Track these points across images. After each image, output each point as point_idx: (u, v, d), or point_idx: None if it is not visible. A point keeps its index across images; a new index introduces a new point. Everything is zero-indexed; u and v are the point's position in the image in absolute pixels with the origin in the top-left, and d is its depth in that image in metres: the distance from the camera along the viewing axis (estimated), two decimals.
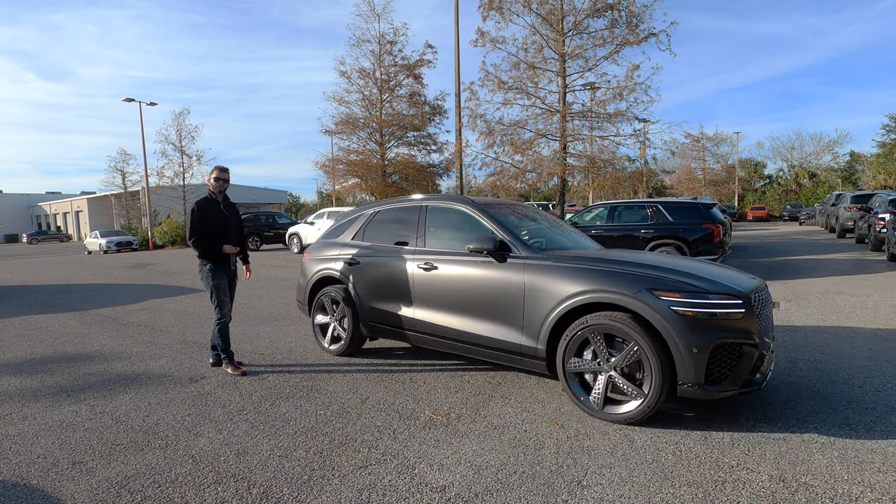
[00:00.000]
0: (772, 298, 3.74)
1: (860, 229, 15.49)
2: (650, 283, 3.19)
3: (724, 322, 3.08)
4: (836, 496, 2.43)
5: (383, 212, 4.98)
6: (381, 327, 4.63)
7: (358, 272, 4.77)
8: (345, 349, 4.91)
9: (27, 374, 4.65)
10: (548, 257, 3.70)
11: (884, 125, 43.12)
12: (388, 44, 22.81)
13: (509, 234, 3.92)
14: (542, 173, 15.53)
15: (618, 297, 3.23)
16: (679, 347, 3.03)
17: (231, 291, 4.64)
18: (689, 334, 3.02)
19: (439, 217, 4.49)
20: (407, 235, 4.58)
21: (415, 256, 4.37)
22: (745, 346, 3.12)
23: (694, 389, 3.05)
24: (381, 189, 23.16)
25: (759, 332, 3.21)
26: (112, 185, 40.90)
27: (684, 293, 3.10)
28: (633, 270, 3.33)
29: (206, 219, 4.39)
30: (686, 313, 3.05)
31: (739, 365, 3.13)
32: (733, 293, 3.14)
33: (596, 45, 14.43)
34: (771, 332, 3.54)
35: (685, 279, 3.21)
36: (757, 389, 3.21)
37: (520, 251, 3.79)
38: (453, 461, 2.84)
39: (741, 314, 3.10)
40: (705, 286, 3.16)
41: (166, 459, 2.92)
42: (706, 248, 9.46)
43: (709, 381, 3.07)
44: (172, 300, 8.78)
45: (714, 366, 3.08)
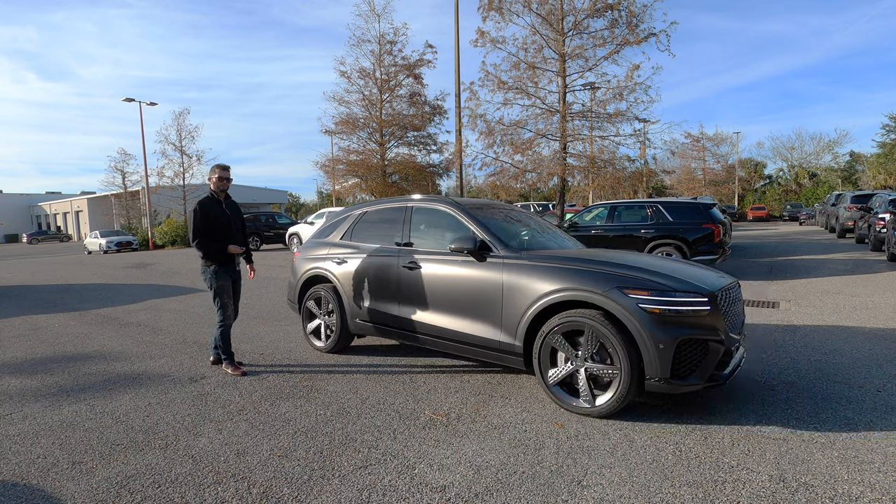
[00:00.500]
0: (742, 296, 3.88)
1: (860, 229, 15.49)
2: (620, 282, 3.31)
3: (690, 319, 3.20)
4: (836, 496, 2.43)
5: (371, 212, 5.12)
6: (368, 325, 4.74)
7: (345, 271, 4.89)
8: (333, 346, 5.03)
9: (27, 374, 4.65)
10: (525, 257, 3.80)
11: (884, 125, 43.20)
12: (388, 44, 22.83)
13: (490, 234, 4.03)
14: (542, 173, 15.52)
15: (589, 295, 3.35)
16: (646, 343, 3.14)
17: (236, 292, 4.63)
18: (655, 330, 3.13)
19: (424, 217, 4.63)
20: (393, 235, 4.70)
21: (400, 256, 4.49)
22: (711, 342, 3.22)
23: (660, 384, 3.17)
24: (381, 189, 23.16)
25: (725, 328, 3.32)
26: (112, 185, 40.92)
27: (652, 291, 3.22)
28: (604, 269, 3.46)
29: (209, 219, 4.33)
30: (653, 310, 3.16)
31: (705, 360, 3.22)
32: (699, 291, 3.25)
33: (596, 45, 14.42)
34: (740, 328, 3.67)
35: (653, 277, 3.33)
36: (723, 383, 3.31)
37: (499, 251, 3.90)
38: (453, 461, 2.84)
39: (707, 311, 3.21)
40: (672, 284, 3.28)
41: (166, 459, 2.92)
42: (706, 248, 9.46)
43: (675, 376, 3.18)
44: (172, 300, 8.78)
45: (680, 361, 3.18)
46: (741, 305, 3.76)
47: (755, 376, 4.12)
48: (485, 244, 3.95)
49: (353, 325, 4.86)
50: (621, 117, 14.59)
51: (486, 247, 3.94)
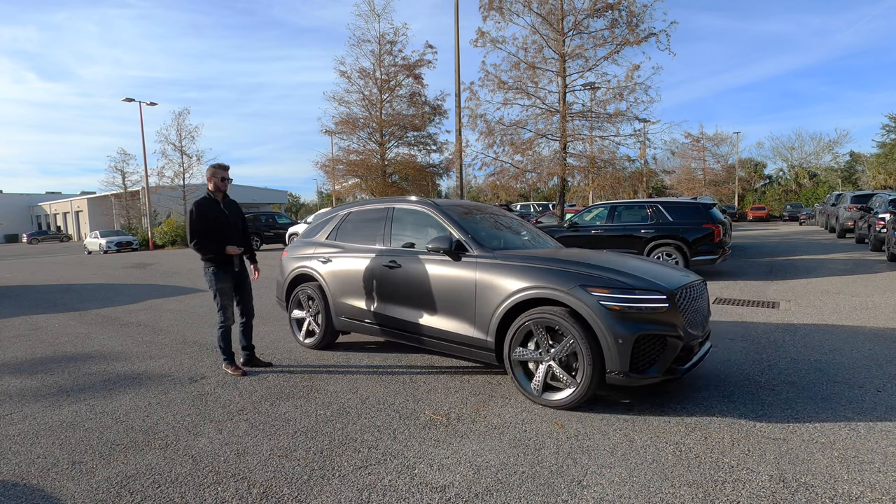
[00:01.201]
0: (706, 294, 4.07)
1: (860, 229, 15.49)
2: (583, 280, 3.46)
3: (649, 315, 3.34)
4: (836, 496, 2.43)
5: (355, 213, 5.28)
6: (353, 322, 4.88)
7: (330, 270, 5.03)
8: (319, 342, 5.18)
9: (27, 374, 4.65)
10: (498, 256, 3.94)
11: (884, 125, 43.22)
12: (388, 44, 22.84)
13: (465, 234, 4.17)
14: (542, 173, 15.52)
15: (555, 293, 3.50)
16: (606, 338, 3.30)
17: (245, 290, 4.60)
18: (615, 326, 3.28)
19: (404, 218, 4.77)
20: (375, 235, 4.85)
21: (381, 255, 4.64)
22: (670, 337, 3.38)
23: (620, 377, 3.32)
24: (381, 189, 23.16)
25: (684, 324, 3.46)
26: (112, 185, 40.93)
27: (612, 289, 3.37)
28: (569, 269, 3.60)
29: (207, 220, 4.28)
30: (613, 307, 3.31)
31: (664, 354, 3.39)
32: (658, 289, 3.40)
33: (596, 45, 14.43)
34: (702, 324, 3.82)
35: (615, 276, 3.48)
36: (680, 377, 3.51)
37: (473, 251, 4.05)
38: (453, 461, 2.84)
39: (665, 308, 3.36)
40: (632, 282, 3.42)
41: (166, 459, 2.92)
42: (706, 248, 9.47)
43: (633, 369, 3.32)
44: (172, 300, 8.78)
45: (638, 355, 3.33)
46: (704, 303, 3.94)
47: (755, 376, 4.12)
48: (460, 244, 4.10)
49: (338, 322, 5.00)
50: (621, 117, 14.59)
51: (462, 247, 4.09)
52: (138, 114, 28.80)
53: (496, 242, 4.50)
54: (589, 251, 4.88)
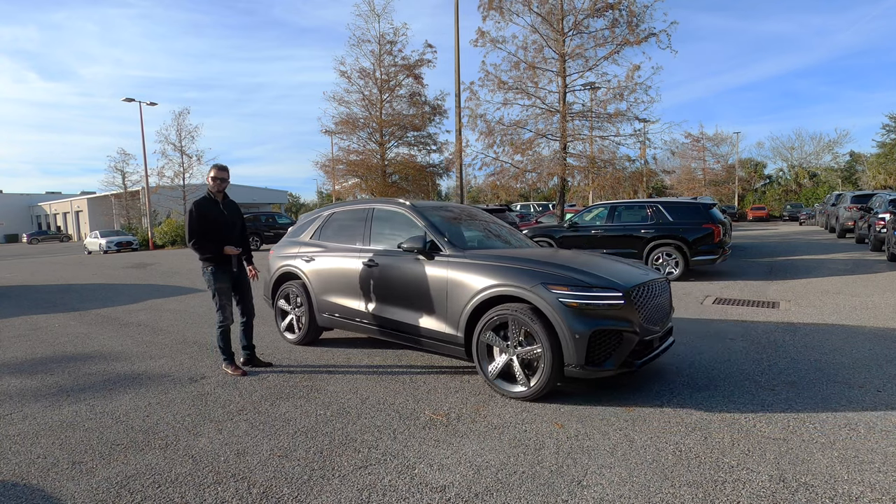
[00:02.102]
0: (669, 291, 4.27)
1: (860, 229, 15.48)
2: (544, 278, 3.62)
3: (605, 311, 3.51)
4: (836, 496, 2.43)
5: (337, 213, 5.45)
6: (335, 319, 5.04)
7: (313, 269, 5.20)
8: (303, 339, 5.34)
9: (27, 374, 4.65)
10: (469, 255, 4.10)
11: (884, 125, 43.20)
12: (388, 44, 22.85)
13: (438, 234, 4.34)
14: (542, 173, 15.52)
15: (518, 291, 3.66)
16: (564, 333, 3.45)
17: (244, 290, 4.62)
18: (573, 322, 3.44)
19: (383, 219, 4.93)
20: (356, 235, 5.02)
21: (361, 254, 4.81)
22: (626, 332, 3.54)
23: (577, 370, 3.48)
24: (381, 189, 23.16)
25: (641, 320, 3.63)
26: (112, 185, 40.94)
27: (571, 286, 3.54)
28: (533, 267, 3.77)
29: (205, 220, 4.29)
30: (571, 304, 3.48)
31: (619, 348, 3.55)
32: (614, 287, 3.57)
33: (596, 44, 14.44)
34: (662, 319, 3.99)
35: (574, 274, 3.66)
36: (636, 370, 3.66)
37: (446, 250, 4.21)
38: (453, 461, 2.84)
39: (620, 305, 3.52)
40: (590, 281, 3.60)
41: (166, 459, 2.92)
42: (706, 248, 9.47)
43: (589, 363, 3.49)
44: (172, 300, 8.78)
45: (594, 349, 3.50)
46: (665, 300, 4.11)
47: (755, 376, 4.12)
48: (434, 244, 4.27)
49: (321, 318, 5.15)
50: (621, 117, 14.60)
51: (436, 246, 4.26)
52: (138, 114, 28.85)
53: (469, 242, 4.71)
54: (558, 251, 5.01)
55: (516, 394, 3.69)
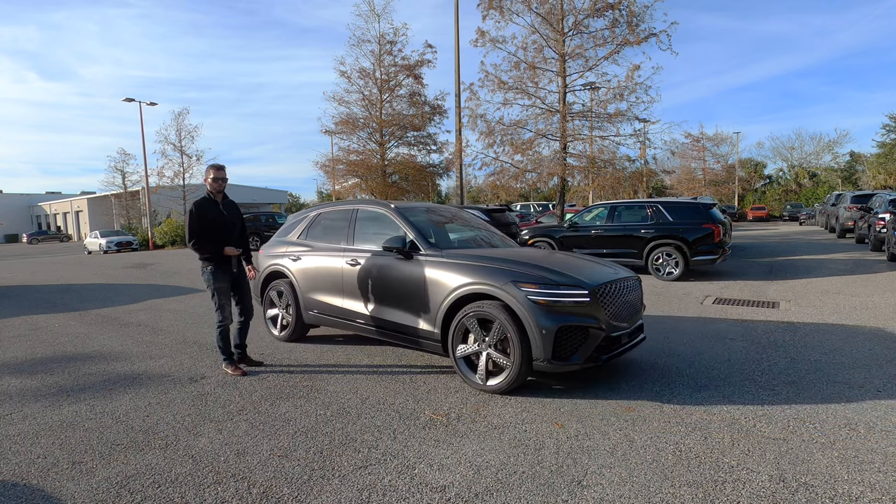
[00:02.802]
0: (639, 289, 4.40)
1: (860, 229, 15.48)
2: (514, 277, 3.79)
3: (571, 308, 3.67)
4: (836, 496, 2.43)
5: (323, 214, 5.61)
6: (320, 316, 5.19)
7: (300, 267, 5.35)
8: (290, 336, 5.50)
9: (27, 374, 4.65)
10: (445, 255, 4.24)
11: (884, 125, 43.14)
12: (388, 44, 22.83)
13: (418, 234, 4.48)
14: (542, 173, 15.53)
15: (490, 289, 3.83)
16: (532, 329, 3.61)
17: (243, 290, 4.62)
18: (540, 318, 3.60)
19: (367, 219, 5.08)
20: (340, 235, 5.17)
21: (344, 254, 4.96)
22: (592, 328, 3.70)
23: (544, 364, 3.63)
24: (381, 189, 23.15)
25: (607, 317, 3.79)
26: (112, 185, 40.93)
27: (539, 284, 3.69)
28: (504, 266, 3.93)
29: (205, 220, 4.30)
30: (539, 301, 3.64)
31: (586, 344, 3.70)
32: (580, 285, 3.72)
33: (596, 44, 14.44)
34: (631, 316, 4.12)
35: (543, 273, 3.81)
36: (602, 364, 3.82)
37: (424, 250, 4.35)
38: (453, 461, 2.84)
39: (586, 302, 3.68)
40: (557, 279, 3.75)
41: (166, 459, 2.92)
42: (706, 248, 9.47)
43: (556, 357, 3.64)
44: (172, 300, 8.78)
45: (560, 344, 3.64)
46: (635, 297, 4.25)
47: (755, 376, 4.12)
48: (413, 244, 4.41)
49: (307, 316, 5.30)
50: (621, 117, 14.60)
51: (415, 246, 4.40)
52: (138, 114, 28.84)
53: (448, 243, 4.84)
54: (533, 250, 5.10)
55: (489, 387, 3.82)
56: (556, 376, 4.15)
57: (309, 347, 5.31)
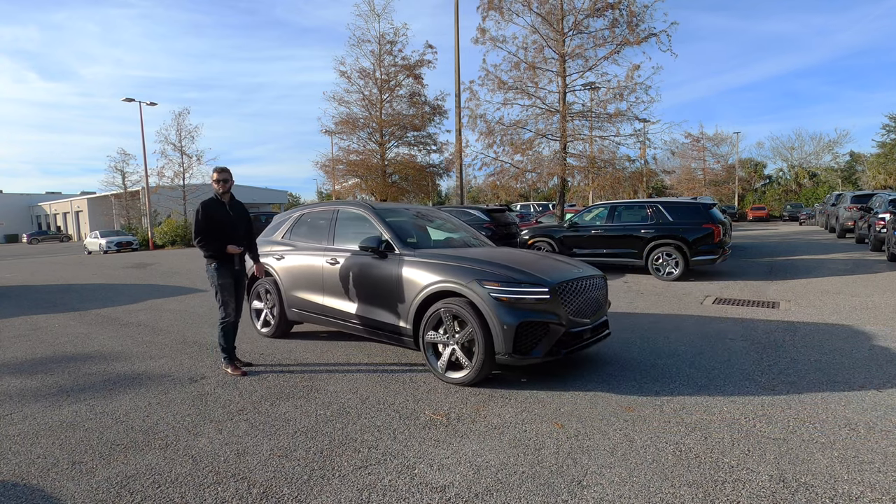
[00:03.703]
0: (604, 287, 4.57)
1: (860, 229, 15.48)
2: (479, 275, 3.97)
3: (532, 305, 3.84)
4: (836, 496, 2.43)
5: (306, 214, 5.82)
6: (303, 313, 5.37)
7: (283, 266, 5.54)
8: (274, 332, 5.68)
9: (27, 374, 4.65)
10: (419, 255, 4.43)
11: (884, 125, 43.13)
12: (388, 44, 22.82)
13: (393, 235, 4.66)
14: (542, 173, 15.53)
15: (457, 286, 4.00)
16: (495, 324, 3.78)
17: (239, 289, 4.66)
18: (502, 314, 3.77)
19: (347, 220, 5.25)
20: (322, 235, 5.36)
21: (325, 253, 5.14)
22: (552, 324, 3.87)
23: (506, 357, 3.80)
24: (381, 189, 23.15)
25: (567, 313, 3.96)
26: (112, 185, 40.91)
27: (502, 282, 3.87)
28: (470, 265, 4.10)
29: (210, 220, 4.42)
30: (502, 298, 3.81)
31: (546, 338, 3.87)
32: (541, 283, 3.89)
33: (596, 44, 14.43)
34: (593, 313, 4.29)
35: (506, 272, 3.98)
36: (561, 357, 4.01)
37: (398, 249, 4.53)
38: (453, 461, 2.84)
39: (547, 299, 3.84)
40: (519, 277, 3.93)
41: (166, 459, 2.92)
42: (706, 248, 9.47)
43: (517, 351, 3.81)
44: (172, 300, 8.78)
45: (521, 339, 3.81)
46: (598, 294, 4.43)
47: (755, 376, 4.12)
48: (388, 244, 4.59)
49: (290, 313, 5.49)
50: (621, 117, 14.60)
51: (390, 246, 4.58)
52: (138, 114, 28.83)
53: (423, 242, 5.04)
54: (502, 250, 5.25)
55: (456, 379, 4.01)
56: (523, 370, 4.31)
57: (309, 347, 5.31)
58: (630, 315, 6.62)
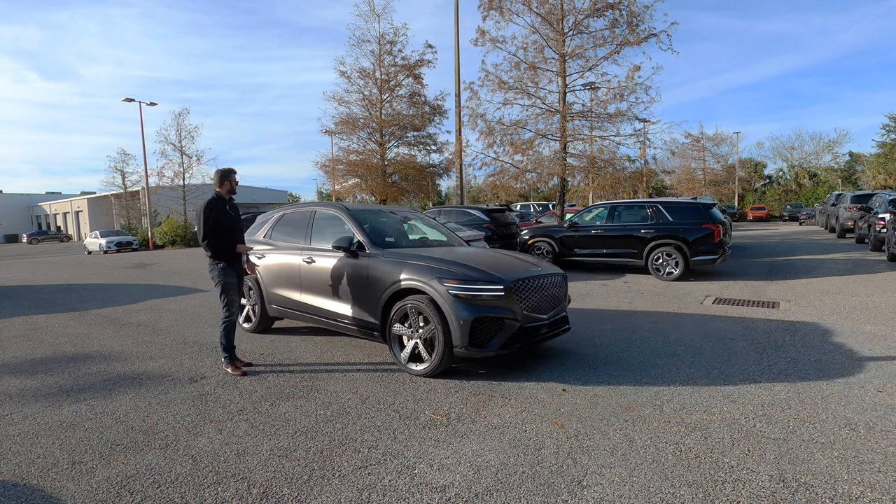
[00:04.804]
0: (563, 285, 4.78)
1: (860, 229, 15.48)
2: (439, 274, 4.19)
3: (488, 301, 4.08)
4: (836, 496, 2.43)
5: (287, 215, 6.01)
6: (282, 309, 5.61)
7: (264, 264, 5.73)
8: (256, 327, 5.91)
9: (27, 374, 4.65)
10: (387, 254, 4.65)
11: (884, 125, 43.07)
12: (388, 44, 22.82)
13: (364, 235, 4.87)
14: (542, 173, 15.52)
15: (419, 284, 4.23)
16: (452, 319, 4.01)
17: (241, 288, 4.73)
18: (459, 310, 4.01)
19: (323, 221, 5.46)
20: (300, 235, 5.56)
21: (302, 252, 5.34)
22: (507, 319, 4.11)
23: (462, 350, 4.03)
24: (381, 189, 23.15)
25: (522, 309, 4.19)
26: (112, 185, 40.94)
27: (459, 280, 4.11)
28: (434, 264, 4.32)
29: (217, 219, 4.43)
30: (459, 295, 4.05)
31: (501, 333, 4.11)
32: (496, 281, 4.12)
33: (596, 44, 14.44)
34: (551, 309, 4.50)
35: (464, 270, 4.21)
36: (515, 351, 4.22)
37: (369, 249, 4.74)
38: (453, 461, 2.84)
39: (502, 296, 4.08)
40: (476, 275, 4.16)
41: (166, 459, 2.92)
42: (706, 248, 9.47)
43: (472, 344, 4.04)
44: (172, 300, 8.78)
45: (477, 333, 4.05)
46: (556, 292, 4.63)
47: (755, 376, 4.12)
48: (360, 244, 4.80)
49: (271, 309, 5.72)
50: (621, 117, 14.60)
51: (361, 246, 4.78)
52: (138, 114, 28.83)
53: (393, 242, 5.24)
54: (467, 249, 5.43)
55: (417, 371, 4.24)
56: (479, 362, 4.54)
57: (309, 348, 5.31)
58: (630, 315, 6.62)
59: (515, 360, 4.65)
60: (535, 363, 4.59)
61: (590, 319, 6.39)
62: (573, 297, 7.88)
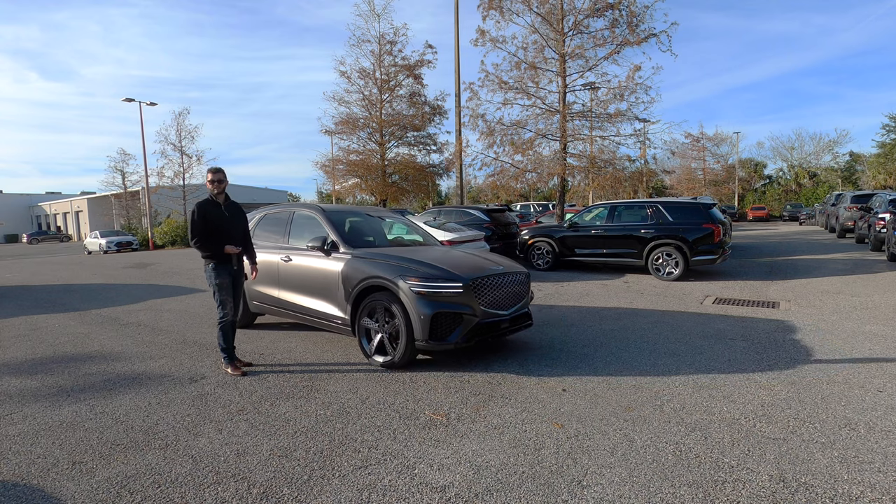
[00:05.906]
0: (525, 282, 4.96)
1: (860, 229, 15.48)
2: (403, 272, 4.43)
3: (447, 298, 4.30)
4: (836, 496, 2.43)
5: (268, 215, 6.24)
6: (262, 305, 5.88)
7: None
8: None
9: (27, 374, 4.65)
10: (359, 253, 4.89)
11: (884, 125, 43.02)
12: (388, 44, 22.81)
13: (337, 235, 5.12)
14: (542, 173, 15.51)
15: (384, 281, 4.46)
16: (414, 314, 4.25)
17: (237, 290, 4.67)
18: (420, 306, 4.24)
19: (300, 221, 5.70)
20: (279, 234, 5.82)
21: (281, 251, 5.61)
22: (465, 315, 4.35)
23: (423, 343, 4.26)
24: (381, 189, 23.14)
25: (481, 305, 4.42)
26: (112, 185, 40.92)
27: (421, 278, 4.34)
28: (400, 263, 4.56)
29: (206, 220, 4.42)
30: (420, 291, 4.28)
31: (460, 327, 4.34)
32: (454, 278, 4.34)
33: (596, 44, 14.43)
34: (512, 305, 4.71)
35: (426, 269, 4.44)
36: (473, 344, 4.45)
37: (342, 248, 4.98)
38: (453, 461, 2.84)
39: (460, 293, 4.31)
40: (435, 273, 4.38)
41: (166, 459, 2.92)
42: (706, 248, 9.47)
43: (432, 338, 4.27)
44: (172, 300, 8.78)
45: (437, 327, 4.29)
46: (517, 289, 4.83)
47: (755, 376, 4.12)
48: (334, 243, 5.03)
49: (252, 306, 5.98)
50: (621, 117, 14.59)
51: (335, 245, 5.02)
52: (138, 114, 28.83)
53: (365, 241, 5.51)
54: (433, 249, 5.58)
55: (381, 362, 4.49)
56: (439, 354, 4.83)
57: (309, 348, 5.31)
58: (630, 315, 6.62)
59: (515, 360, 4.66)
60: (534, 363, 4.59)
61: (590, 319, 6.39)
62: (573, 297, 7.89)
